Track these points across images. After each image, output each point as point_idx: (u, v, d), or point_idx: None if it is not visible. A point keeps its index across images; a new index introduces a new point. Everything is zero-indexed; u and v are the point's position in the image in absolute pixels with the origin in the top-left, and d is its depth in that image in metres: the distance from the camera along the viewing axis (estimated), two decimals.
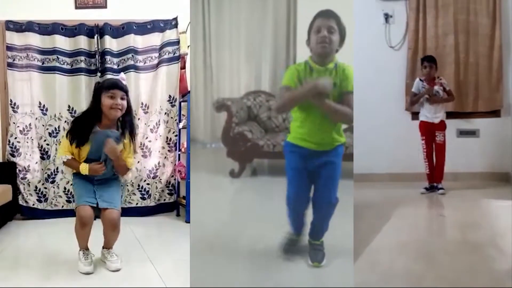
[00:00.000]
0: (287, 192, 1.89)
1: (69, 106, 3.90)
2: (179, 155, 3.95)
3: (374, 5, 4.20)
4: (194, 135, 4.83)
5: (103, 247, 2.50)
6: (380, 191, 3.75)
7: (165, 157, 4.01)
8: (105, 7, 4.06)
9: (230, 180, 3.51)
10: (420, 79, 3.72)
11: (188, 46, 4.02)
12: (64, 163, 2.36)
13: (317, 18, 1.76)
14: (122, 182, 3.63)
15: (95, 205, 2.32)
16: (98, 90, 2.29)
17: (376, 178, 4.11)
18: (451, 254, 2.25)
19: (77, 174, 2.39)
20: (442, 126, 3.72)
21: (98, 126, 2.30)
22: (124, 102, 2.29)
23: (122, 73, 2.73)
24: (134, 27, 3.96)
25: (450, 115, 4.10)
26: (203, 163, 4.25)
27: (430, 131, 3.73)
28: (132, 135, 2.37)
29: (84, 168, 2.31)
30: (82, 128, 2.29)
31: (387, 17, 4.20)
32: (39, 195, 3.85)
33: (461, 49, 4.13)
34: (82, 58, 3.90)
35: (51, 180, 3.87)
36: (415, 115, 4.04)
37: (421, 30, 4.16)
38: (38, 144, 3.87)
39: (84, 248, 2.41)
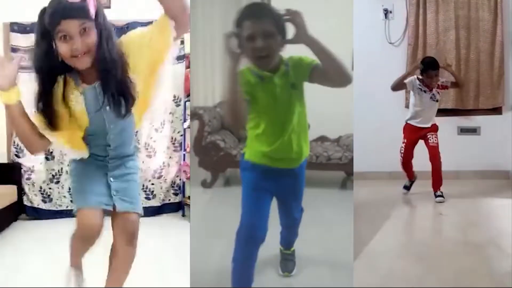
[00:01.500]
0: (241, 221, 1.50)
1: None
2: (184, 155, 3.94)
3: (373, 1, 4.14)
4: None
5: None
6: (380, 189, 3.67)
7: (170, 157, 4.00)
8: (109, 7, 4.05)
9: (202, 190, 3.44)
10: (418, 78, 3.26)
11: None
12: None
13: (244, 19, 1.38)
14: None
15: (110, 208, 1.59)
16: (42, 26, 1.37)
17: (375, 176, 4.03)
18: (451, 255, 2.21)
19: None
20: (434, 128, 3.33)
21: (85, 83, 1.47)
22: (90, 37, 1.36)
23: None
24: (139, 27, 3.94)
25: (450, 112, 4.04)
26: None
27: (417, 135, 3.32)
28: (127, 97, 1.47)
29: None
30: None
31: (386, 12, 4.11)
32: (44, 195, 3.85)
33: (462, 45, 4.05)
34: None
35: (56, 180, 3.87)
36: None
37: (421, 26, 4.08)
38: None
39: (76, 265, 1.79)
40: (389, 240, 2.48)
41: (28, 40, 3.85)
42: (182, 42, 3.96)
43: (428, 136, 3.28)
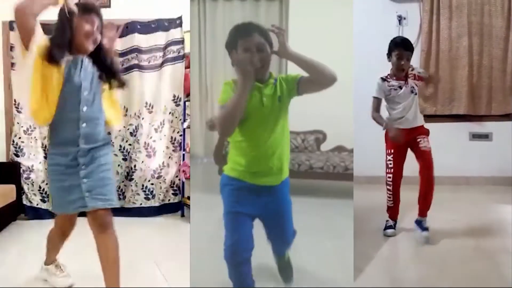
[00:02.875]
0: (225, 242, 1.53)
1: None
2: (183, 155, 3.93)
3: (387, 7, 4.18)
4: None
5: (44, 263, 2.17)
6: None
7: (170, 157, 3.99)
8: (109, 6, 4.05)
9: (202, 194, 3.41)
10: (384, 79, 2.68)
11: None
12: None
13: (238, 38, 1.51)
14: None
15: (86, 209, 1.78)
16: (69, 13, 1.74)
17: (383, 180, 4.04)
18: (463, 261, 2.20)
19: (54, 151, 1.81)
20: (424, 130, 2.64)
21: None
22: (99, 36, 1.82)
23: None
24: (138, 26, 3.94)
25: (462, 118, 4.02)
26: (199, 178, 4.23)
27: (404, 140, 2.57)
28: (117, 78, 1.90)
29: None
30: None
31: (400, 19, 4.16)
32: (43, 195, 3.84)
33: (475, 51, 4.05)
34: None
35: None
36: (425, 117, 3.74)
37: (434, 32, 4.10)
38: (42, 144, 3.86)
39: (53, 261, 2.18)
40: (401, 246, 2.47)
41: None
42: (182, 42, 3.96)
43: (419, 140, 2.58)
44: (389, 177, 2.69)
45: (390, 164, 2.68)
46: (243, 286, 1.57)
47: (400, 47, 2.61)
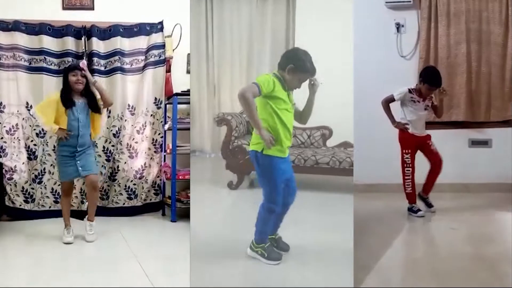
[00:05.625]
0: (276, 201, 2.06)
1: None
2: (164, 156, 4.03)
3: (385, 15, 4.13)
4: (195, 144, 4.92)
5: (87, 219, 3.18)
6: (390, 202, 3.58)
7: (151, 158, 4.08)
8: (92, 9, 4.09)
9: (228, 191, 3.59)
10: (410, 90, 3.24)
11: (174, 50, 4.08)
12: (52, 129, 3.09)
13: (305, 72, 2.04)
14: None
15: (78, 177, 3.14)
16: (66, 72, 3.14)
17: (385, 188, 3.94)
18: (465, 271, 2.17)
19: (62, 148, 3.08)
20: (429, 136, 3.31)
21: (75, 98, 3.09)
22: (84, 79, 3.08)
23: (84, 60, 3.52)
24: (121, 30, 4.01)
25: (461, 124, 4.03)
26: (203, 172, 4.33)
27: (417, 144, 3.26)
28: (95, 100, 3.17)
29: (54, 128, 3.03)
30: (64, 98, 3.07)
31: (398, 26, 4.11)
32: (26, 195, 3.87)
33: (473, 58, 4.03)
34: (70, 59, 3.93)
35: (38, 180, 3.90)
36: (427, 124, 3.61)
37: (432, 40, 4.07)
38: (25, 144, 3.89)
39: (67, 225, 3.12)
40: (401, 255, 2.47)
41: (10, 38, 3.85)
42: (163, 46, 4.04)
43: (429, 143, 3.26)
44: (408, 170, 3.25)
45: (408, 160, 3.26)
46: (276, 225, 2.19)
47: (435, 86, 3.20)
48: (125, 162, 4.00)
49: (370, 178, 3.87)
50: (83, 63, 3.21)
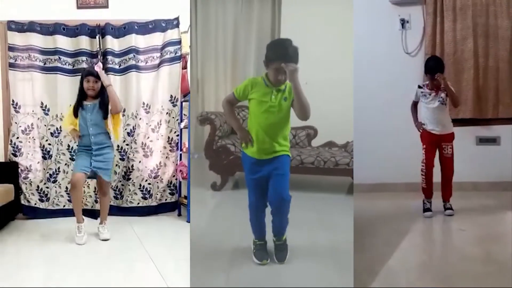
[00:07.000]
0: (249, 196, 2.08)
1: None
2: (180, 154, 3.96)
3: (390, 11, 4.02)
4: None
5: (99, 222, 3.24)
6: (396, 202, 3.53)
7: (167, 157, 4.02)
8: (107, 7, 4.06)
9: (211, 193, 3.46)
10: (420, 86, 3.25)
11: (190, 46, 4.02)
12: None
13: (273, 60, 1.90)
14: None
15: (88, 172, 3.06)
16: (81, 77, 3.14)
17: (391, 188, 3.92)
18: (474, 275, 2.09)
19: (79, 147, 3.15)
20: (450, 137, 3.22)
21: (86, 101, 3.12)
22: (97, 84, 3.08)
23: (99, 63, 3.39)
24: (136, 27, 3.97)
25: (468, 122, 3.92)
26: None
27: (435, 142, 3.22)
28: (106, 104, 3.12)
29: (67, 129, 3.19)
30: (77, 102, 3.14)
31: (403, 22, 4.00)
32: (41, 194, 3.86)
33: (481, 53, 3.91)
34: (84, 58, 3.92)
35: (53, 179, 3.89)
36: None
37: (438, 35, 3.95)
38: (40, 144, 3.89)
39: (80, 222, 3.06)
40: (408, 258, 2.37)
41: (25, 39, 3.88)
42: (179, 43, 3.99)
43: (443, 146, 3.20)
44: (422, 165, 3.25)
45: (424, 155, 3.25)
46: (260, 227, 2.10)
47: (429, 74, 3.16)
48: (140, 161, 3.95)
49: (375, 178, 3.78)
50: (99, 65, 3.11)
